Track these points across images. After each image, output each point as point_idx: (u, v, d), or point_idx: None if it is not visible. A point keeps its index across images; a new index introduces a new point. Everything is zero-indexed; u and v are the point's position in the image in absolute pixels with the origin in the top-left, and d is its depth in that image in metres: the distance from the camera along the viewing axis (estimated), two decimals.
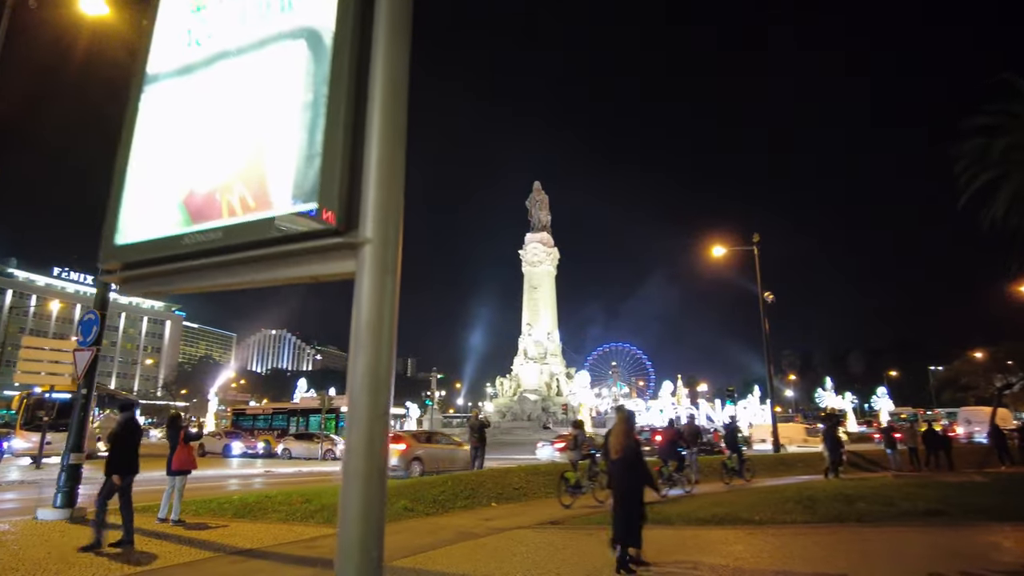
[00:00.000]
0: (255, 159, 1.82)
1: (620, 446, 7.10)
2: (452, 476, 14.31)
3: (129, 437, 8.70)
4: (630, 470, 7.08)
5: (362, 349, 1.66)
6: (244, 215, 1.79)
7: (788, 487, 14.93)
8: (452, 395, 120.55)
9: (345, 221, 1.66)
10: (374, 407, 1.63)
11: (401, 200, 1.76)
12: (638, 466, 7.19)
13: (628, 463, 7.08)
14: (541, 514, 11.64)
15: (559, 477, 13.13)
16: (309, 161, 1.73)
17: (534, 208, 69.88)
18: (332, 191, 1.65)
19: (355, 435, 1.63)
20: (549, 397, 59.87)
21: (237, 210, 1.81)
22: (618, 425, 7.27)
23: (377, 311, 1.63)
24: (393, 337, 1.69)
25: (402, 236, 1.77)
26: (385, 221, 1.66)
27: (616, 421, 7.41)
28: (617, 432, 7.20)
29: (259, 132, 1.83)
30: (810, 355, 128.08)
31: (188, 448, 10.40)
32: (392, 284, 1.69)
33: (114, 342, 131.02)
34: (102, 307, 11.13)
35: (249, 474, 23.51)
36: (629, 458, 7.10)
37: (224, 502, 11.90)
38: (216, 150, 1.91)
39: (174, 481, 10.18)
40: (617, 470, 7.13)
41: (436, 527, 10.16)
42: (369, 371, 1.63)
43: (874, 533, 9.41)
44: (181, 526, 9.78)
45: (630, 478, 7.03)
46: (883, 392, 77.03)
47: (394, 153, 1.69)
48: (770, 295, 29.36)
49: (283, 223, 1.73)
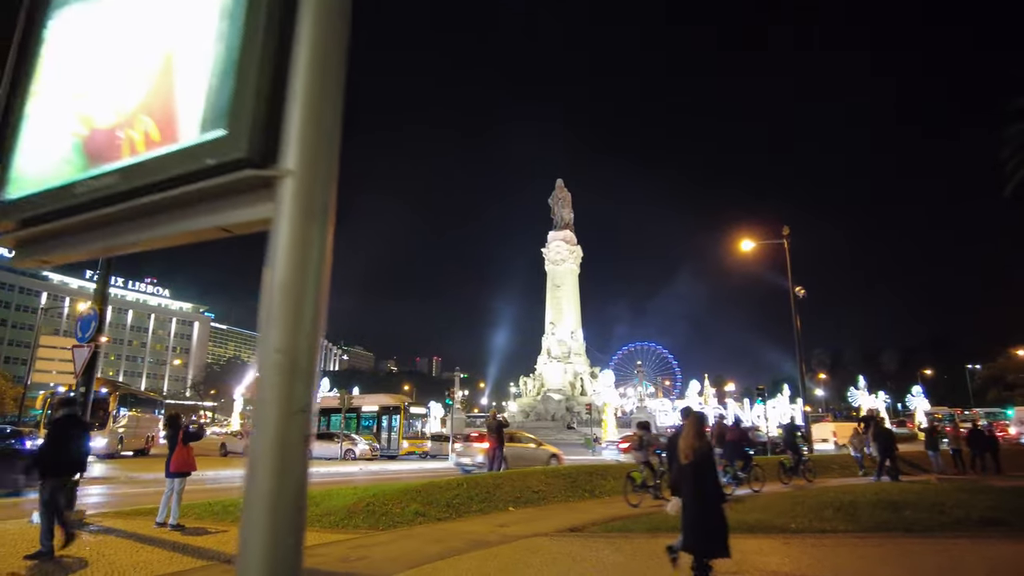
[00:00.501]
0: (163, 82, 1.48)
1: (691, 449, 6.44)
2: (468, 479, 13.71)
3: (63, 436, 8.05)
4: (704, 474, 6.40)
5: (275, 323, 1.21)
6: (146, 152, 1.46)
7: (827, 490, 14.05)
8: (476, 395, 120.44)
9: (262, 150, 1.28)
10: (288, 401, 1.18)
11: (338, 128, 1.34)
12: (711, 471, 6.51)
13: (700, 467, 6.40)
14: (561, 520, 10.96)
15: (625, 476, 13.38)
16: (223, 78, 1.37)
17: (557, 206, 69.21)
18: (246, 112, 1.29)
19: (262, 440, 1.17)
20: (573, 397, 59.16)
21: (139, 147, 1.48)
22: (689, 427, 6.61)
23: (297, 269, 1.22)
24: (320, 307, 1.25)
25: (337, 173, 1.34)
26: (314, 151, 1.27)
27: (686, 423, 6.75)
28: (688, 434, 6.54)
29: (168, 48, 1.49)
30: (840, 354, 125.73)
31: (187, 449, 9.92)
32: (321, 235, 1.27)
33: (144, 343, 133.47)
34: (101, 303, 10.68)
35: None
36: (701, 462, 6.42)
37: (229, 505, 11.42)
38: (120, 77, 1.57)
39: (172, 483, 9.71)
40: (688, 475, 6.45)
41: (446, 534, 9.54)
42: (283, 352, 1.18)
43: (924, 545, 8.54)
44: (178, 531, 9.30)
45: (705, 483, 6.35)
46: (919, 391, 74.91)
47: (328, 67, 1.30)
48: (801, 290, 28.31)
49: (186, 157, 1.37)
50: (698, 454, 6.42)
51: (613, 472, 16.40)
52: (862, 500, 11.73)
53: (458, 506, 11.71)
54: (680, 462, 6.58)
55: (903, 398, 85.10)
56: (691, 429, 6.56)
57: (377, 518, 10.41)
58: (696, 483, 6.34)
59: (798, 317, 28.03)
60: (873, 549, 8.44)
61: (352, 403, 34.84)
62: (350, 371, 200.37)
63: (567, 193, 69.38)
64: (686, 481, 6.47)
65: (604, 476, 15.85)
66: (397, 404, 37.26)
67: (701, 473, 6.38)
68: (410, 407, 38.14)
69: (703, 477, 6.37)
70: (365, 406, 38.46)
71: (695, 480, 6.35)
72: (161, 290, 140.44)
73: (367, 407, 38.27)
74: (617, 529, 9.72)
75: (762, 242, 29.52)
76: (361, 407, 38.21)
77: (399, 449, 35.57)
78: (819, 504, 11.37)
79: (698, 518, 6.26)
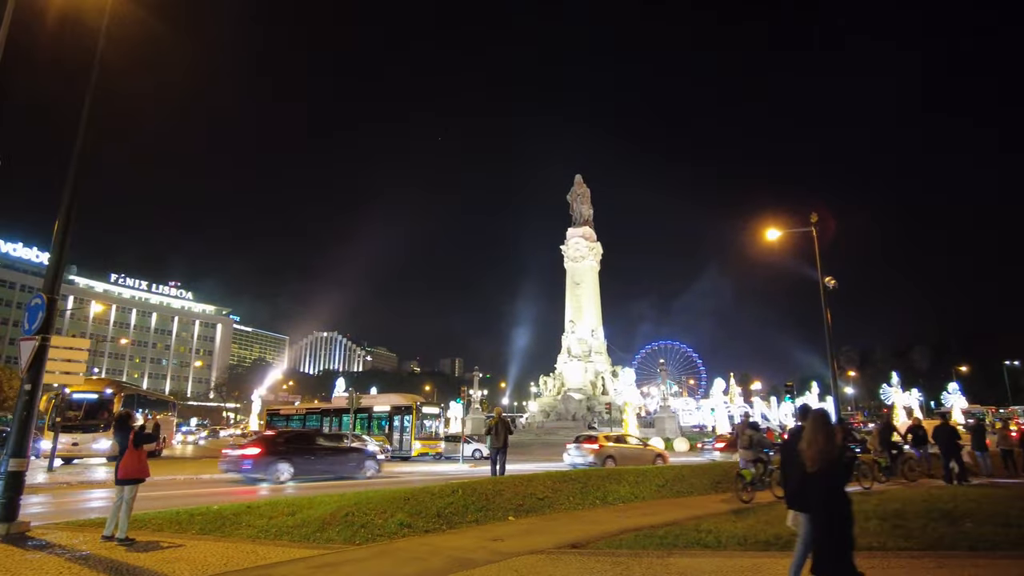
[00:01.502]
0: None
1: (817, 454, 5.08)
2: (464, 484, 12.44)
3: None
4: (835, 486, 5.05)
5: None
6: None
7: (868, 496, 12.55)
8: (498, 395, 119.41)
9: None
10: None
11: None
12: (842, 481, 5.17)
13: (830, 477, 5.05)
14: (565, 532, 9.66)
15: (736, 475, 13.91)
16: None
17: (575, 202, 67.72)
18: None
19: None
20: (594, 396, 57.62)
21: None
22: (814, 428, 5.19)
23: None
24: None
25: None
26: None
27: (808, 423, 5.33)
28: (813, 438, 5.14)
29: None
30: (870, 351, 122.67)
31: (139, 453, 8.78)
32: None
33: (168, 345, 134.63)
34: (51, 291, 9.60)
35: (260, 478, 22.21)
36: (831, 471, 5.07)
37: (197, 513, 10.32)
38: None
39: (123, 492, 8.59)
40: (815, 485, 5.09)
41: (429, 550, 8.30)
42: None
43: (997, 570, 7.08)
44: (125, 546, 8.18)
45: (837, 496, 5.00)
46: (955, 388, 71.99)
47: None
48: (832, 280, 26.61)
49: None
50: (827, 460, 5.06)
51: (627, 477, 15.03)
52: (910, 509, 10.25)
53: (450, 516, 10.46)
54: (804, 470, 5.23)
55: (937, 396, 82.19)
56: (817, 430, 5.16)
57: (355, 530, 9.21)
58: (826, 495, 5.02)
59: (828, 310, 26.41)
60: (934, 572, 6.99)
61: (362, 403, 33.70)
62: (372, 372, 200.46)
63: (586, 189, 67.83)
64: (813, 492, 5.13)
65: (618, 481, 14.48)
66: (409, 404, 36.15)
67: (832, 484, 5.03)
68: (422, 407, 36.99)
69: (834, 489, 5.03)
70: (376, 406, 37.40)
71: (825, 492, 5.01)
72: (185, 293, 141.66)
73: (378, 407, 37.20)
74: (627, 545, 8.39)
75: (789, 230, 27.81)
76: (372, 407, 37.16)
77: (411, 450, 34.51)
78: (860, 513, 9.89)
79: (827, 538, 4.99)
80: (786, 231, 28.01)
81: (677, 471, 17.04)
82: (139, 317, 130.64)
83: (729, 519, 10.47)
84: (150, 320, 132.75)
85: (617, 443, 25.29)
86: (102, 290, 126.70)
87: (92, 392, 29.04)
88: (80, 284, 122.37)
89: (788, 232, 27.98)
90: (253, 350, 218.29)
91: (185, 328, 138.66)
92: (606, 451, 23.98)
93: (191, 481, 20.06)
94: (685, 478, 15.98)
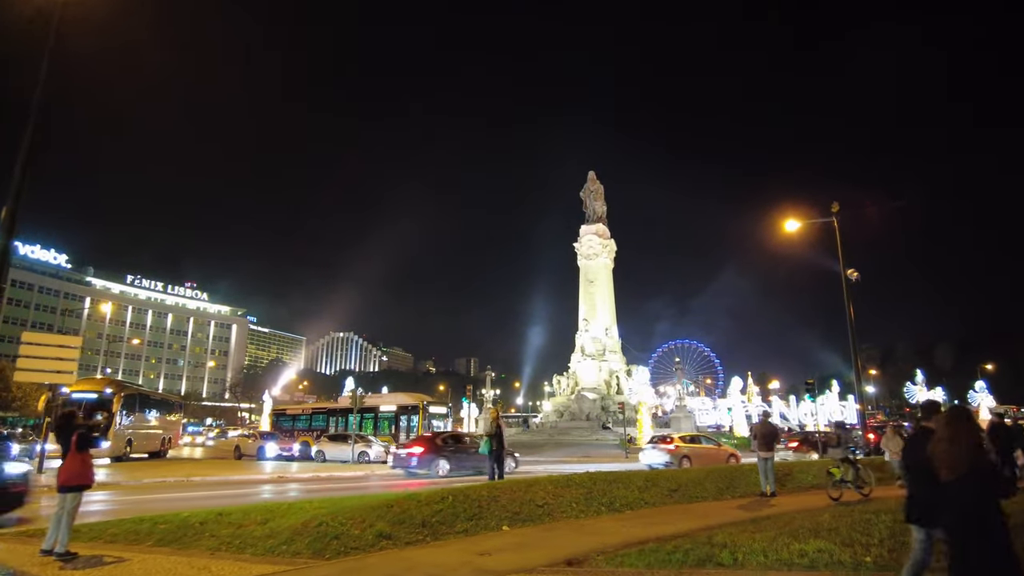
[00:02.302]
0: None
1: (956, 460, 4.02)
2: (455, 491, 11.42)
3: None
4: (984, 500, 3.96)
5: None
6: None
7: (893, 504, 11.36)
8: (512, 394, 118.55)
9: None
10: None
11: None
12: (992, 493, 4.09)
13: (976, 490, 3.96)
14: (562, 545, 8.61)
15: (826, 472, 14.18)
16: None
17: (589, 199, 66.55)
18: None
19: None
20: (608, 395, 56.46)
21: None
22: (952, 428, 4.12)
23: None
24: None
25: None
26: None
27: (945, 422, 4.23)
28: (951, 437, 4.06)
29: None
30: (892, 349, 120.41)
31: (83, 457, 7.90)
32: None
33: (184, 346, 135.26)
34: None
35: (257, 479, 21.46)
36: (977, 481, 3.99)
37: (161, 521, 9.44)
38: None
39: (64, 500, 7.71)
40: (955, 499, 4.00)
41: (405, 567, 7.30)
42: None
43: None
44: (62, 561, 7.28)
45: (987, 511, 3.93)
46: (982, 387, 69.97)
47: None
48: (854, 272, 25.32)
49: None
50: (977, 469, 3.98)
51: (637, 481, 13.94)
52: None
53: (437, 525, 9.46)
54: (932, 478, 4.15)
55: (962, 395, 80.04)
56: (958, 431, 4.08)
57: (326, 543, 8.24)
58: (974, 511, 4.00)
59: (851, 304, 25.11)
60: None
61: (369, 402, 32.90)
62: (387, 371, 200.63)
63: (599, 185, 66.64)
64: (951, 507, 4.12)
65: (627, 485, 13.40)
66: (416, 403, 35.24)
67: (979, 498, 3.95)
68: (429, 406, 36.08)
69: (982, 504, 3.95)
70: (383, 405, 36.55)
71: (974, 507, 4.00)
72: (200, 294, 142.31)
73: (384, 407, 36.34)
74: (629, 562, 7.33)
75: (809, 221, 26.54)
76: (379, 407, 36.31)
77: None
78: (899, 525, 8.74)
79: (982, 564, 3.93)
80: (807, 222, 26.78)
81: (691, 475, 15.95)
82: (155, 318, 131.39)
83: (746, 530, 9.33)
84: (166, 321, 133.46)
85: (692, 443, 25.84)
86: (118, 291, 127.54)
87: (91, 391, 28.47)
88: (97, 285, 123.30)
89: (809, 223, 26.75)
90: (270, 350, 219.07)
91: (200, 329, 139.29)
92: (682, 451, 24.47)
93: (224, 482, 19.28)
94: (699, 482, 14.87)
